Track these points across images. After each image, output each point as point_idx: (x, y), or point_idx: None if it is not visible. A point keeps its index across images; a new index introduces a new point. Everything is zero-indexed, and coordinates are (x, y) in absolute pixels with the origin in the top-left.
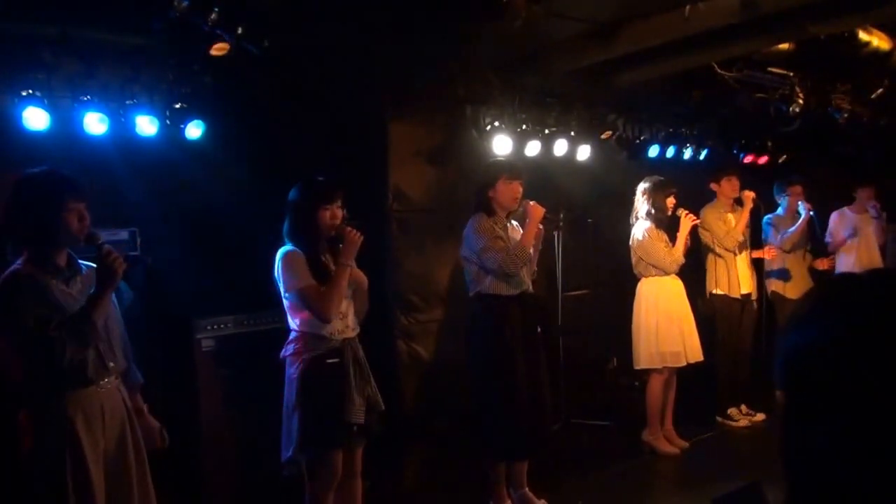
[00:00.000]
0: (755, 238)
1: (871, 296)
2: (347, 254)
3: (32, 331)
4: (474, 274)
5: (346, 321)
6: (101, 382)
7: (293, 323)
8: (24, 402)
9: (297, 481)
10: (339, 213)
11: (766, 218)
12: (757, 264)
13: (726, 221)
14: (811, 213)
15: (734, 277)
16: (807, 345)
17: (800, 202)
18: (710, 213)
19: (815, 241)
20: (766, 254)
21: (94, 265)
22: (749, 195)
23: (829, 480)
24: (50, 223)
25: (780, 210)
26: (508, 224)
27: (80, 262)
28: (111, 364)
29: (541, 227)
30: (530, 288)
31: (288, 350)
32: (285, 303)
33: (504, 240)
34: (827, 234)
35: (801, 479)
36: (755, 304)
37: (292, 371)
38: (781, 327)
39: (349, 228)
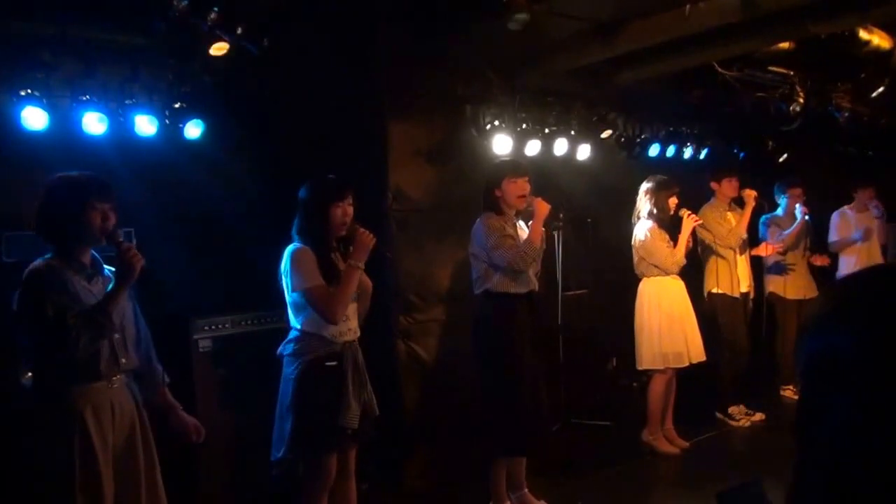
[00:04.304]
0: (752, 237)
1: None
2: (359, 255)
3: (51, 319)
4: (482, 271)
5: (348, 324)
6: (113, 379)
7: (295, 322)
8: (34, 395)
9: (288, 481)
10: (351, 210)
11: (763, 218)
12: (754, 263)
13: (726, 221)
14: (807, 216)
15: (735, 276)
16: (837, 345)
17: (797, 205)
18: (710, 213)
19: (812, 242)
20: (764, 250)
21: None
22: (751, 194)
23: (849, 481)
24: (74, 220)
25: (778, 210)
26: (517, 223)
27: (105, 266)
28: (123, 360)
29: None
30: (537, 287)
31: (287, 349)
32: (288, 299)
33: (513, 238)
34: (831, 233)
35: (816, 477)
36: (751, 302)
37: (290, 371)
38: (803, 326)
39: (362, 229)
